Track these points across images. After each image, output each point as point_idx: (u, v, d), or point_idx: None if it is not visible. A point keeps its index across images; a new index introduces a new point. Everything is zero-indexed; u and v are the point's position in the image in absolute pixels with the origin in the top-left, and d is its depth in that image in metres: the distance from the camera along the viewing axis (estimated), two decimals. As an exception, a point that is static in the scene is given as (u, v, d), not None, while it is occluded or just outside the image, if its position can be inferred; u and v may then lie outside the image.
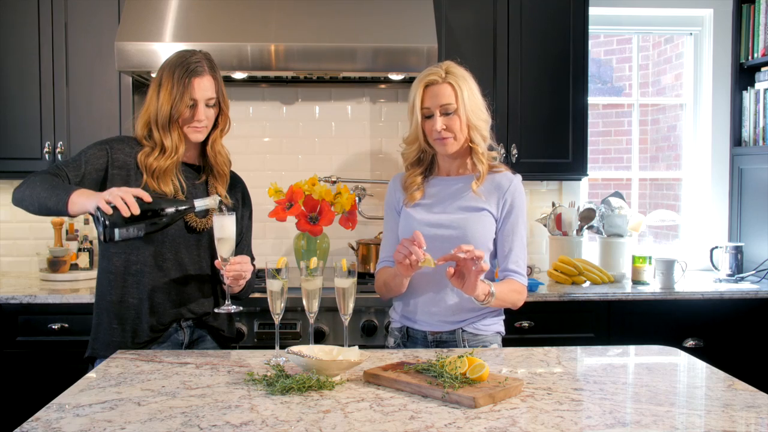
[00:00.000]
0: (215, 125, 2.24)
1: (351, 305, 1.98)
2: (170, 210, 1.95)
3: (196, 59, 2.17)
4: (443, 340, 2.21)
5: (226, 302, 2.11)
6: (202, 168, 2.30)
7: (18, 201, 2.05)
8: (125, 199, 1.86)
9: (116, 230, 1.88)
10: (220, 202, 2.02)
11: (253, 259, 2.39)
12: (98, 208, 1.87)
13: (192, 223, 2.20)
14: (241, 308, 2.13)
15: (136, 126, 2.22)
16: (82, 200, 1.92)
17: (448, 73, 2.16)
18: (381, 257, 2.33)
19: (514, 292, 2.17)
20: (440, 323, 2.21)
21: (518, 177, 2.25)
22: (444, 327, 2.21)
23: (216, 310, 2.16)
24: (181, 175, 2.21)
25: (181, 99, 2.12)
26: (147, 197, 1.91)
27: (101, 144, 2.19)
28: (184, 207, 1.99)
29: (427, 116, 2.17)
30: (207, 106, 2.17)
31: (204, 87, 2.15)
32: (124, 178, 2.15)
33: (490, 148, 2.25)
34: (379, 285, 2.29)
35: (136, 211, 1.87)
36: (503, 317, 2.31)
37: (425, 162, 2.28)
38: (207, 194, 2.27)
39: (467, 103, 2.14)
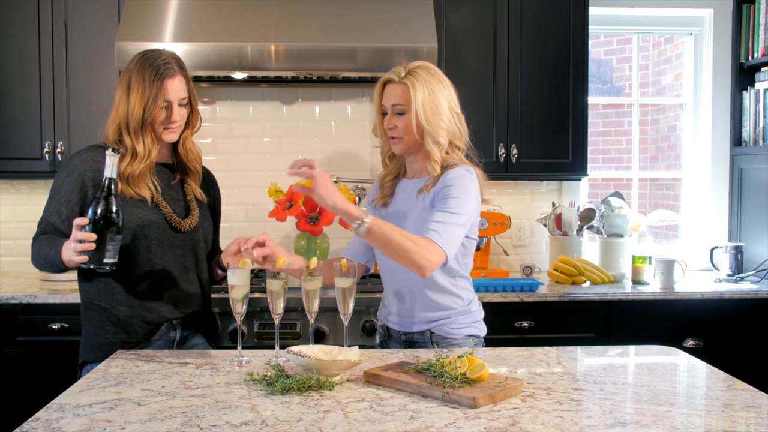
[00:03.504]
0: (186, 124, 2.23)
1: (351, 305, 1.98)
2: (102, 205, 1.93)
3: (165, 60, 2.14)
4: (414, 341, 2.21)
5: (239, 351, 2.01)
6: (175, 166, 2.28)
7: (38, 267, 2.18)
8: (76, 243, 1.92)
9: (103, 260, 1.94)
10: (113, 149, 1.96)
11: (220, 251, 2.39)
12: (80, 266, 1.97)
13: (175, 224, 2.19)
14: (252, 360, 2.03)
15: (107, 131, 2.18)
16: (68, 259, 2.00)
17: (410, 73, 2.10)
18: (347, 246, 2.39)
19: (404, 237, 1.93)
20: (409, 323, 2.21)
21: (464, 168, 2.10)
22: (413, 327, 2.20)
23: (228, 362, 2.00)
24: (155, 178, 2.19)
25: (154, 102, 2.09)
26: (84, 221, 1.92)
27: (70, 173, 2.13)
28: (107, 187, 1.94)
29: (384, 113, 2.17)
30: (180, 105, 2.16)
31: (176, 88, 2.13)
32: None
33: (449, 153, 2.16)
34: None
35: (93, 237, 1.90)
36: (479, 320, 2.23)
37: (399, 158, 2.26)
38: (184, 194, 2.26)
39: (421, 105, 2.07)
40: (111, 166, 1.94)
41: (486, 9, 3.39)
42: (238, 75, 3.34)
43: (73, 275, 3.28)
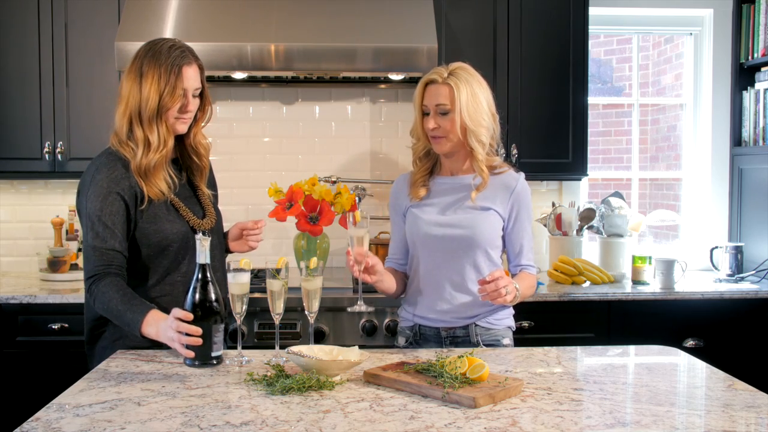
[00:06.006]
0: (195, 116, 2.15)
1: (366, 245, 2.11)
2: (200, 293, 1.83)
3: (180, 48, 2.07)
4: (457, 336, 2.24)
5: (239, 351, 2.01)
6: (180, 162, 2.20)
7: (99, 312, 2.04)
8: (179, 335, 1.80)
9: (211, 354, 1.84)
10: (203, 232, 1.87)
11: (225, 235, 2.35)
12: (185, 359, 1.85)
13: (194, 225, 2.13)
14: (252, 360, 2.02)
15: (117, 125, 2.07)
16: (152, 334, 1.92)
17: (451, 74, 2.18)
18: (387, 256, 2.41)
19: (530, 288, 2.27)
20: (454, 319, 2.24)
21: (522, 175, 2.29)
22: (457, 322, 2.23)
23: (228, 362, 1.97)
24: (173, 170, 2.11)
25: (173, 90, 2.02)
26: (187, 315, 1.80)
27: (106, 195, 2.02)
28: (203, 274, 1.84)
29: (426, 113, 2.22)
30: (193, 96, 2.09)
31: (192, 76, 2.07)
32: (136, 200, 2.05)
33: (488, 153, 2.26)
34: None
35: (199, 331, 1.80)
36: (513, 312, 2.35)
37: (433, 157, 2.32)
38: (194, 191, 2.21)
39: (464, 106, 2.15)
40: (204, 251, 1.85)
41: (486, 9, 3.39)
42: (238, 75, 3.34)
43: (73, 275, 3.30)
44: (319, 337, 2.99)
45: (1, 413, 2.98)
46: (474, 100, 2.17)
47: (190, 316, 1.79)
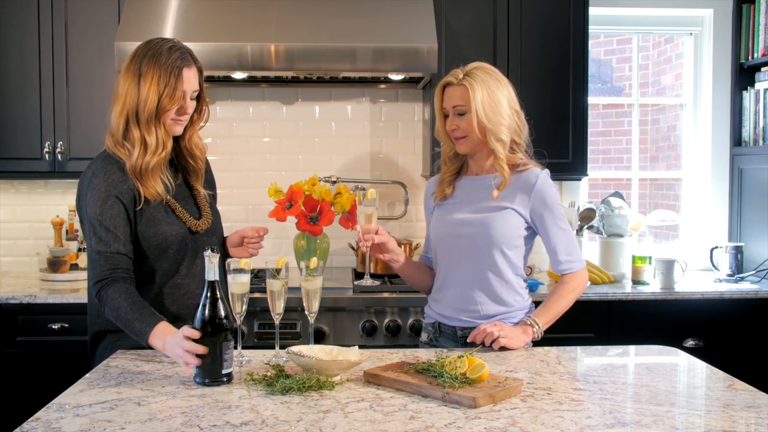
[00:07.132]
0: (191, 118, 2.13)
1: (374, 222, 2.22)
2: (209, 310, 1.77)
3: (180, 49, 2.05)
4: None
5: (239, 351, 1.98)
6: (176, 163, 2.19)
7: (109, 318, 2.01)
8: (188, 354, 1.74)
9: (222, 372, 1.77)
10: (212, 249, 1.83)
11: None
12: (195, 377, 1.79)
13: (191, 226, 2.13)
14: (252, 360, 2.03)
15: (113, 124, 2.04)
16: (158, 347, 1.89)
17: (467, 75, 2.20)
18: (422, 253, 2.48)
19: (563, 299, 2.23)
20: (470, 318, 2.24)
21: (544, 172, 2.25)
22: (473, 323, 2.24)
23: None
24: (169, 172, 2.11)
25: (173, 92, 2.00)
26: (195, 334, 1.75)
27: (105, 199, 2.01)
28: (212, 291, 1.79)
29: (446, 116, 2.25)
30: (191, 98, 2.08)
31: (191, 78, 2.06)
32: (135, 202, 2.04)
33: (513, 151, 2.26)
34: None
35: (204, 351, 1.74)
36: (528, 313, 2.32)
37: (461, 158, 2.33)
38: (190, 191, 2.20)
39: (479, 105, 2.16)
40: (213, 268, 1.81)
41: (486, 9, 3.39)
42: (238, 75, 3.34)
43: (73, 276, 3.30)
44: (319, 337, 2.99)
45: (1, 413, 2.98)
46: (491, 99, 2.17)
47: (198, 335, 1.76)
